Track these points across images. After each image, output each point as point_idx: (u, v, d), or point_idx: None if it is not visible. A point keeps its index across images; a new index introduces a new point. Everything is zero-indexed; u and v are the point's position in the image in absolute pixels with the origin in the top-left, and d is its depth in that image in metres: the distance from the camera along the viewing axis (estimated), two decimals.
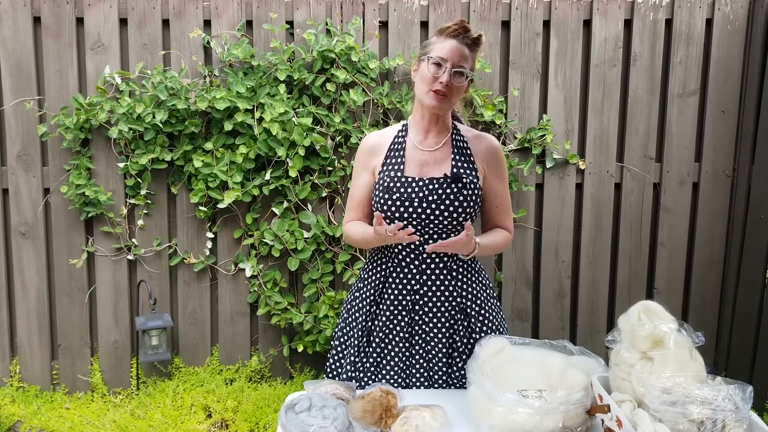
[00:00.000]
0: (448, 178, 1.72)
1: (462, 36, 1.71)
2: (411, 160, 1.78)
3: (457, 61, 1.69)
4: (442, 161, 1.77)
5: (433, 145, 1.78)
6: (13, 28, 2.67)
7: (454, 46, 1.70)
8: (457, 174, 1.73)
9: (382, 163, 1.80)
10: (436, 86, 1.69)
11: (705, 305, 2.96)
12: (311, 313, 2.80)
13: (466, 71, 1.70)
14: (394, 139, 1.82)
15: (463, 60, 1.70)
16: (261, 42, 2.73)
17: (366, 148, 1.86)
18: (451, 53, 1.69)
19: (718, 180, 2.87)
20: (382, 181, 1.76)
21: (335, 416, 1.47)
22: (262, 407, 2.67)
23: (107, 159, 2.75)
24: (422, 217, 1.71)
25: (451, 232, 1.74)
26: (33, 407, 2.70)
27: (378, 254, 1.85)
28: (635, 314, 1.42)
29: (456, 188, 1.71)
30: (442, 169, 1.75)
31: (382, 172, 1.79)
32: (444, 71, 1.68)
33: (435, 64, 1.69)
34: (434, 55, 1.70)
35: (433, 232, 1.74)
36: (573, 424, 1.43)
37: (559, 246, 2.89)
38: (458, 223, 1.73)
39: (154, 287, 2.82)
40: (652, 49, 2.79)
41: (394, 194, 1.73)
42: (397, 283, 1.78)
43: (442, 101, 1.70)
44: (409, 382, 1.82)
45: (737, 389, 1.28)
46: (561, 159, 2.82)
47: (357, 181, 1.86)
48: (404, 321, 1.80)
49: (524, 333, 2.94)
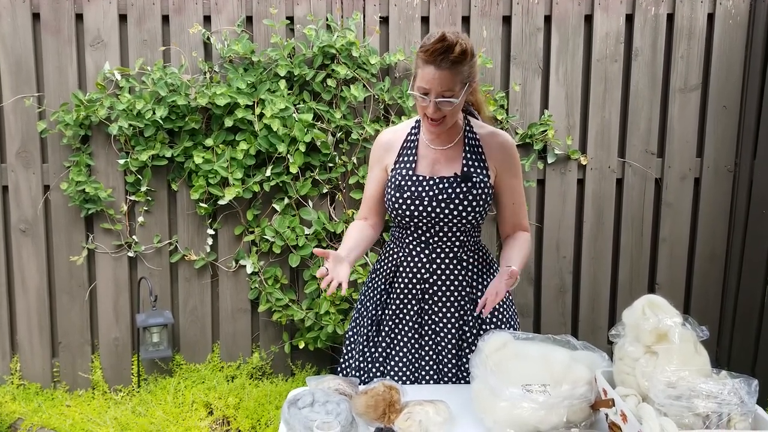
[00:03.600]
0: (458, 177, 1.72)
1: (441, 59, 1.56)
2: (423, 158, 1.77)
3: (440, 89, 1.59)
4: (454, 160, 1.76)
5: (445, 143, 1.77)
6: (12, 25, 2.66)
7: (433, 75, 1.57)
8: (467, 173, 1.73)
9: (395, 161, 1.80)
10: (427, 113, 1.65)
11: (707, 301, 2.95)
12: (312, 309, 2.79)
13: (452, 99, 1.60)
14: (407, 137, 1.82)
15: (447, 85, 1.58)
16: (261, 38, 2.72)
17: (380, 145, 1.85)
18: (432, 83, 1.58)
19: (720, 175, 2.87)
20: (394, 179, 1.77)
21: (338, 411, 1.46)
22: (264, 404, 2.66)
23: (107, 156, 2.74)
24: (432, 216, 1.72)
25: (461, 231, 1.76)
26: (34, 405, 2.69)
27: (390, 244, 1.86)
28: (639, 308, 1.42)
29: (466, 187, 1.71)
30: (453, 168, 1.74)
31: (394, 169, 1.79)
32: (429, 103, 1.62)
33: (420, 95, 1.62)
34: (417, 84, 1.62)
35: (440, 229, 1.75)
36: (577, 419, 1.43)
37: (561, 242, 2.89)
38: (467, 222, 1.73)
39: (155, 284, 2.82)
40: (653, 44, 2.78)
41: (405, 192, 1.73)
42: (407, 272, 1.79)
43: (437, 127, 1.68)
44: (418, 375, 1.82)
45: (742, 383, 1.27)
46: (562, 155, 2.82)
47: (370, 176, 1.88)
48: (413, 311, 1.80)
49: (526, 329, 2.93)
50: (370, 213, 1.90)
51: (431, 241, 1.77)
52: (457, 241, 1.77)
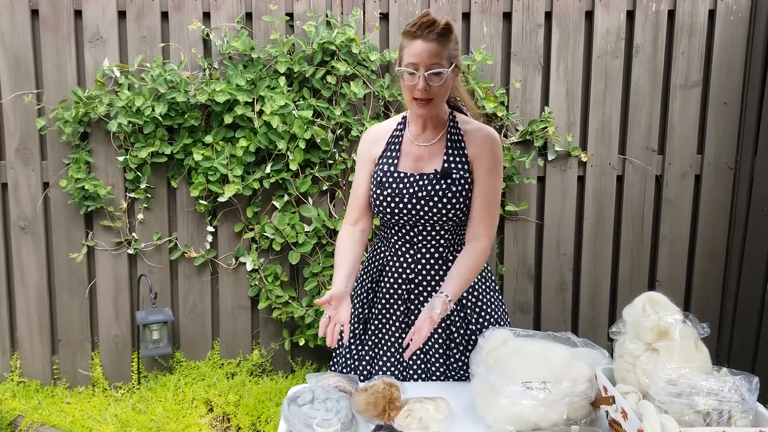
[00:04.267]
0: (437, 174, 1.70)
1: (427, 32, 1.58)
2: (407, 155, 1.76)
3: (429, 61, 1.58)
4: (436, 156, 1.74)
5: (429, 140, 1.76)
6: (10, 21, 2.65)
7: (421, 48, 1.58)
8: (447, 170, 1.70)
9: (380, 156, 1.79)
10: (415, 94, 1.62)
11: (707, 298, 2.95)
12: (312, 306, 2.79)
13: (442, 70, 1.61)
14: (392, 133, 1.80)
15: (435, 57, 1.58)
16: (261, 34, 2.71)
17: (366, 143, 1.83)
18: (420, 56, 1.58)
19: (721, 172, 2.86)
20: (376, 176, 1.75)
21: (338, 409, 1.46)
22: (264, 401, 2.66)
23: (106, 152, 2.73)
24: (412, 213, 1.71)
25: (442, 228, 1.73)
26: (34, 402, 2.69)
27: (377, 243, 1.85)
28: (640, 305, 1.42)
29: (445, 184, 1.69)
30: (435, 165, 1.72)
31: (377, 165, 1.78)
32: (418, 77, 1.60)
33: (408, 73, 1.61)
34: (405, 62, 1.62)
35: (423, 228, 1.73)
36: (577, 416, 1.42)
37: (561, 239, 2.88)
38: (448, 219, 1.71)
39: (155, 281, 2.82)
40: (654, 41, 2.77)
41: (386, 189, 1.72)
42: (393, 272, 1.78)
43: (426, 107, 1.64)
44: (406, 374, 1.81)
45: (743, 380, 1.27)
46: (563, 151, 2.81)
47: (360, 175, 1.84)
48: (400, 310, 1.79)
49: (526, 326, 2.92)
50: (361, 215, 1.83)
51: (416, 241, 1.75)
52: (443, 240, 1.75)
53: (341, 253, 1.76)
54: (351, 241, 1.79)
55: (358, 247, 1.79)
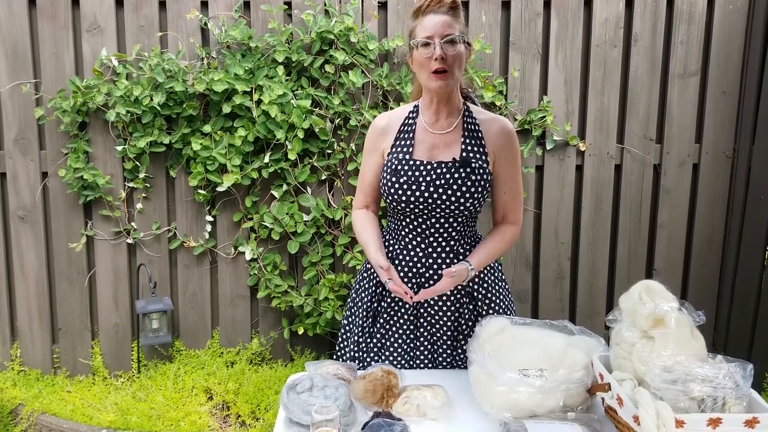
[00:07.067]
0: (456, 162, 1.69)
1: (437, 6, 1.65)
2: (421, 143, 1.74)
3: (443, 31, 1.62)
4: (452, 144, 1.73)
5: (444, 128, 1.74)
6: (8, 11, 2.64)
7: (434, 20, 1.63)
8: (466, 158, 1.69)
9: (392, 145, 1.77)
10: (433, 66, 1.63)
11: (704, 286, 2.96)
12: (311, 295, 2.80)
13: (456, 36, 1.63)
14: (404, 120, 1.78)
15: (449, 28, 1.63)
16: (259, 23, 2.70)
17: (376, 129, 1.82)
18: (434, 27, 1.62)
19: (719, 161, 2.86)
20: (390, 164, 1.73)
21: (337, 396, 1.47)
22: (263, 389, 2.68)
23: (105, 142, 2.73)
24: (429, 201, 1.69)
25: (455, 220, 1.73)
26: (34, 390, 2.71)
27: (386, 235, 1.84)
28: (636, 293, 1.43)
29: (464, 173, 1.68)
30: (452, 153, 1.71)
31: (390, 154, 1.76)
32: (434, 46, 1.62)
33: (423, 46, 1.64)
34: (419, 37, 1.64)
35: (440, 216, 1.72)
36: (574, 403, 1.44)
37: (559, 228, 2.89)
38: (465, 209, 1.70)
39: (154, 271, 2.82)
40: (653, 30, 2.76)
41: (402, 177, 1.70)
42: (403, 265, 1.77)
43: (445, 78, 1.65)
44: (413, 364, 1.82)
45: (738, 367, 1.28)
46: (561, 140, 2.81)
47: (366, 163, 1.84)
48: (409, 304, 1.79)
49: (524, 314, 2.94)
50: (369, 201, 1.87)
51: (427, 233, 1.74)
52: (454, 232, 1.74)
53: (365, 229, 1.82)
54: (369, 219, 1.86)
55: (376, 223, 1.85)
